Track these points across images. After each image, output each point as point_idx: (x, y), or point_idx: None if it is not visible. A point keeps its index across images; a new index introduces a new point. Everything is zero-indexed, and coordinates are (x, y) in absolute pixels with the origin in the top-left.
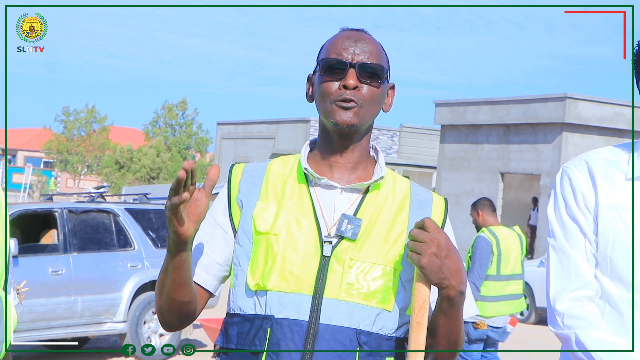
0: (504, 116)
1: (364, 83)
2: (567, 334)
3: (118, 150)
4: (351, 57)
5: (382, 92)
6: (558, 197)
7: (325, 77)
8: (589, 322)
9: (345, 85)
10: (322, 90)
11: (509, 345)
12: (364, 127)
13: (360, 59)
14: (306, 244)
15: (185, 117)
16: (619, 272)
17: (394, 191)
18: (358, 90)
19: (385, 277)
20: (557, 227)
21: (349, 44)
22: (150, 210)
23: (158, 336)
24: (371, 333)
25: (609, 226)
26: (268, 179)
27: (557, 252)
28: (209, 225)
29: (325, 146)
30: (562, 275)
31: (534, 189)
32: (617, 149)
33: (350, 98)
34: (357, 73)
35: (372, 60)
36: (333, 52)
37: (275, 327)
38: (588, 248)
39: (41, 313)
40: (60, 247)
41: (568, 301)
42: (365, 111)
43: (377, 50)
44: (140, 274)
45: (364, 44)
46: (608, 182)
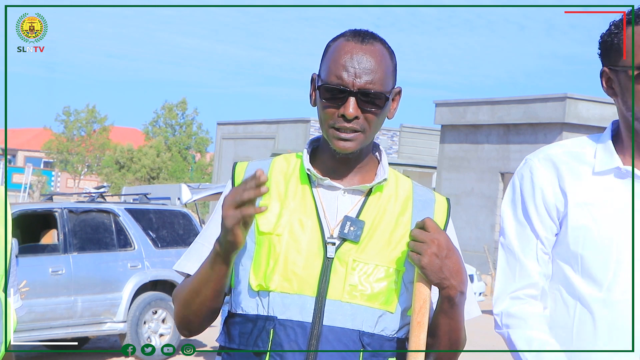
0: (504, 116)
1: (365, 111)
2: (502, 332)
3: (118, 150)
4: (352, 83)
5: (384, 113)
6: (516, 193)
7: (324, 102)
8: (524, 321)
9: (344, 115)
10: (322, 115)
11: None
12: (365, 147)
13: (362, 83)
14: (309, 245)
15: (185, 117)
16: (590, 271)
17: (396, 192)
18: (359, 119)
19: (388, 278)
20: (508, 226)
21: (352, 65)
22: (150, 210)
23: (158, 336)
24: (374, 334)
25: (579, 223)
26: (271, 178)
27: (506, 251)
28: (217, 227)
29: (328, 147)
30: (507, 275)
31: None
32: (581, 140)
33: (351, 128)
34: (358, 101)
35: (375, 84)
36: (334, 73)
37: (278, 329)
38: (540, 248)
39: (41, 313)
40: (60, 247)
41: (509, 300)
42: (366, 137)
43: (382, 67)
44: (140, 274)
45: (368, 60)
46: (575, 178)
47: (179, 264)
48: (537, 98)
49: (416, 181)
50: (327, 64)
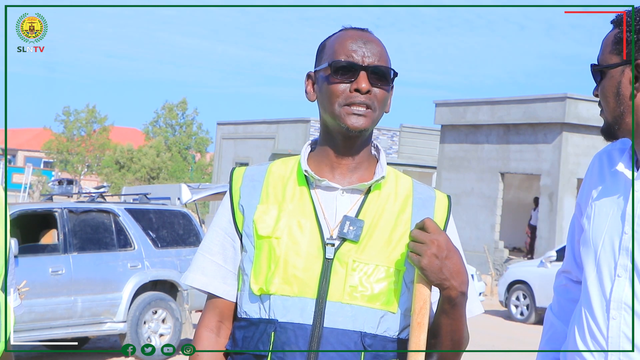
0: (504, 116)
1: (375, 86)
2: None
3: (118, 150)
4: (362, 60)
5: (390, 94)
6: None
7: (334, 79)
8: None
9: (357, 89)
10: (331, 92)
11: (509, 345)
12: (372, 129)
13: (371, 61)
14: (308, 246)
15: (185, 117)
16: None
17: (396, 190)
18: (370, 93)
19: (389, 278)
20: None
21: (359, 46)
22: (150, 210)
23: (158, 336)
24: (376, 335)
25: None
26: (268, 182)
27: None
28: (218, 235)
29: (327, 147)
30: None
31: (534, 189)
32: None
33: (364, 102)
34: (369, 76)
35: (382, 62)
36: (342, 53)
37: (279, 331)
38: None
39: (41, 313)
40: (60, 247)
41: None
42: (377, 115)
43: (385, 51)
44: (140, 274)
45: (373, 45)
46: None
47: (186, 277)
48: (537, 98)
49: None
50: (332, 50)
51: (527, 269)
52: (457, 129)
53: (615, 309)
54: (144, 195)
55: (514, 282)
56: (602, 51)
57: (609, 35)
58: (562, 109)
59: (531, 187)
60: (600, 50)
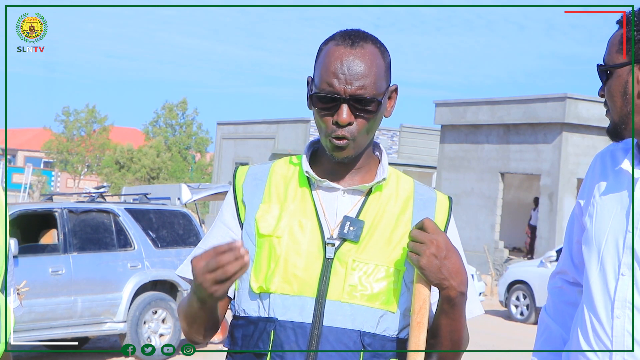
0: (504, 116)
1: (359, 117)
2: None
3: (118, 150)
4: (343, 90)
5: (379, 116)
6: None
7: (320, 111)
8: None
9: (337, 122)
10: (317, 121)
11: (509, 345)
12: (363, 151)
13: (353, 89)
14: (309, 246)
15: (185, 117)
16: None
17: (397, 191)
18: (352, 125)
19: (389, 278)
20: None
21: (342, 72)
22: (150, 210)
23: (158, 336)
24: (375, 335)
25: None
26: (271, 181)
27: None
28: (220, 230)
29: None
30: None
31: (534, 189)
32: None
33: (343, 135)
34: (351, 107)
35: (366, 89)
36: (325, 80)
37: (278, 330)
38: None
39: (41, 313)
40: (60, 247)
41: None
42: (361, 142)
43: (373, 70)
44: (140, 274)
45: (359, 65)
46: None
47: (180, 269)
48: (537, 98)
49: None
50: (319, 71)
51: (527, 269)
52: (457, 129)
53: (620, 308)
54: (144, 195)
55: (514, 282)
56: (609, 51)
57: (615, 35)
58: (562, 109)
59: (531, 187)
60: (606, 50)
